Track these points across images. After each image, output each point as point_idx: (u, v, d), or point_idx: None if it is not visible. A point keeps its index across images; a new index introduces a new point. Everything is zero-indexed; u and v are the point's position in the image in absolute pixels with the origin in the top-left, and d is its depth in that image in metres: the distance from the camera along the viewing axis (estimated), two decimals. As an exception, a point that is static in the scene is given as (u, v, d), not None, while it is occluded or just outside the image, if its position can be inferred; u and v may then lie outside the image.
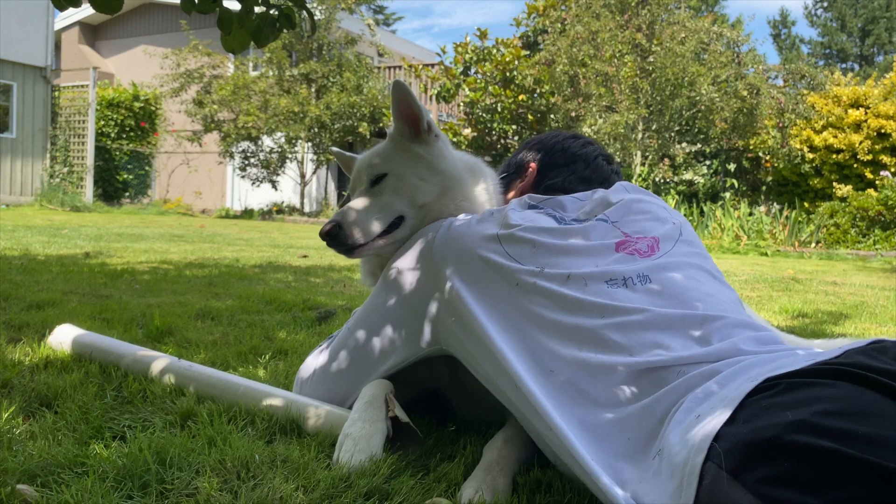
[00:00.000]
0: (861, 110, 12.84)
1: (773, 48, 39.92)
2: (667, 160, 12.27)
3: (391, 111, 1.70)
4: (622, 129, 11.52)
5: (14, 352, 2.12)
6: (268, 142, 15.57)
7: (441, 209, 1.65)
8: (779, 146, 12.88)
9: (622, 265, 1.37)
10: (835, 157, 12.86)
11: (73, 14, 19.16)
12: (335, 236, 1.59)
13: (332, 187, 16.91)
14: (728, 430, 0.94)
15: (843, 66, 36.74)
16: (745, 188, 13.64)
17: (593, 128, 11.65)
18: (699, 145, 12.96)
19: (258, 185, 15.70)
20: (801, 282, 5.87)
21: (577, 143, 1.86)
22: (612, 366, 1.19)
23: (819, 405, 0.91)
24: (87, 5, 2.69)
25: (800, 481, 0.84)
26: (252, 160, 15.62)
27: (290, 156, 15.57)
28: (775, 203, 13.04)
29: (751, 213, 11.56)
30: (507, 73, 13.00)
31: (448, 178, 1.67)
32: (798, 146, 12.95)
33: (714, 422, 0.97)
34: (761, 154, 13.24)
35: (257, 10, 2.28)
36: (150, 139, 16.49)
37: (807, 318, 3.73)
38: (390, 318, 1.54)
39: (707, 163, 13.42)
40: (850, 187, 12.38)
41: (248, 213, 14.81)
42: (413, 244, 1.56)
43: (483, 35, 13.61)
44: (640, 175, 11.67)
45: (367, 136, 14.76)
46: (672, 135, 12.47)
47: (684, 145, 12.56)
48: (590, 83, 11.92)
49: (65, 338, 2.17)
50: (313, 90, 15.25)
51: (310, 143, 15.42)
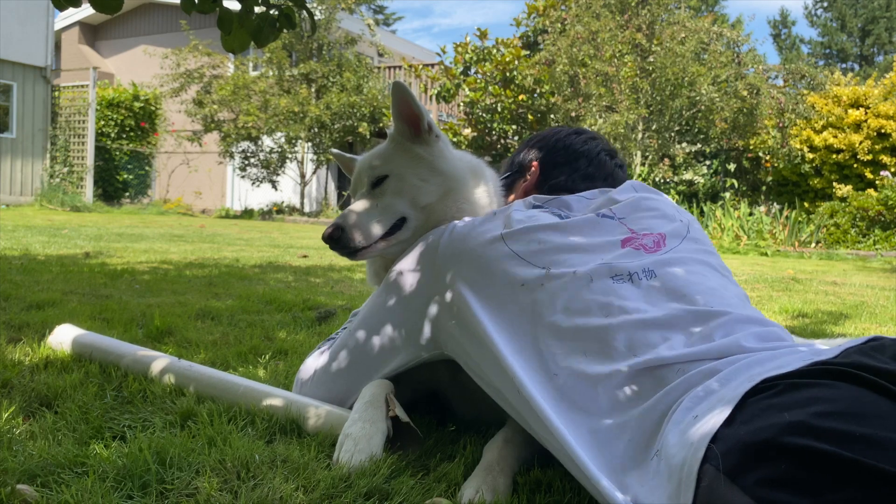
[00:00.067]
0: (861, 110, 12.84)
1: (773, 48, 39.97)
2: (667, 160, 12.27)
3: (391, 112, 1.70)
4: (622, 129, 11.52)
5: (14, 352, 2.12)
6: (268, 142, 15.57)
7: (443, 210, 1.64)
8: (779, 146, 12.88)
9: (627, 261, 1.36)
10: (835, 157, 12.86)
11: (73, 14, 19.17)
12: (338, 240, 1.59)
13: (332, 187, 16.91)
14: (726, 432, 0.94)
15: (843, 66, 36.74)
16: (745, 188, 13.64)
17: (593, 128, 11.65)
18: (699, 145, 12.96)
19: (258, 185, 15.70)
20: (801, 282, 5.87)
21: (579, 139, 1.83)
22: (615, 370, 1.18)
23: (817, 406, 0.90)
24: (87, 5, 2.69)
25: (797, 483, 0.84)
26: (252, 160, 15.62)
27: (290, 156, 15.57)
28: (775, 203, 13.04)
29: (751, 213, 11.56)
30: (507, 73, 13.00)
31: (449, 178, 1.66)
32: (798, 146, 12.96)
33: (711, 422, 0.96)
34: (761, 154, 13.24)
35: (257, 10, 2.28)
36: (150, 139, 16.49)
37: (807, 318, 3.73)
38: (392, 320, 1.54)
39: (707, 163, 13.42)
40: (850, 187, 12.38)
41: (248, 213, 14.81)
42: (416, 247, 1.56)
43: (483, 35, 13.61)
44: (640, 175, 11.66)
45: (367, 137, 14.76)
46: (672, 135, 12.47)
47: (684, 145, 12.56)
48: (590, 83, 11.93)
49: (65, 338, 2.17)
50: (313, 90, 15.25)
51: (310, 143, 15.42)
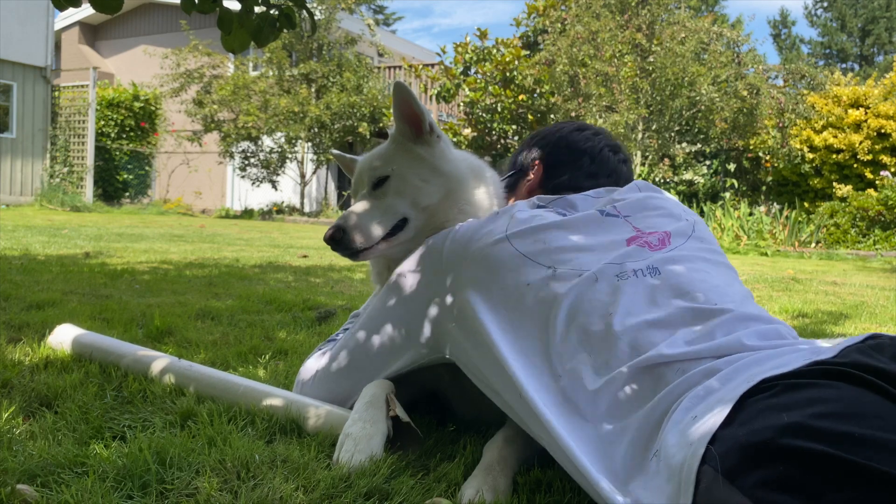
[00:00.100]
0: (861, 110, 12.84)
1: (773, 48, 39.98)
2: (667, 160, 12.27)
3: (392, 112, 1.69)
4: (622, 129, 11.52)
5: (14, 352, 2.12)
6: (268, 142, 15.57)
7: (444, 211, 1.64)
8: (779, 146, 12.88)
9: (633, 259, 1.36)
10: (835, 157, 12.86)
11: (73, 14, 19.16)
12: (339, 241, 1.59)
13: (332, 187, 16.91)
14: (724, 433, 0.93)
15: (843, 66, 36.75)
16: (745, 188, 13.64)
17: (593, 128, 11.63)
18: (699, 145, 12.96)
19: (258, 185, 15.70)
20: (801, 282, 5.87)
21: (581, 135, 1.80)
22: (617, 371, 1.18)
23: (816, 407, 0.90)
24: (87, 5, 2.69)
25: (795, 485, 0.83)
26: (252, 160, 15.62)
27: (290, 156, 15.57)
28: (775, 203, 13.04)
29: (751, 213, 11.56)
30: (507, 73, 13.00)
31: (451, 179, 1.66)
32: (798, 146, 12.96)
33: (710, 423, 0.96)
34: (761, 154, 13.24)
35: (257, 9, 2.28)
36: (150, 139, 16.49)
37: (807, 318, 3.73)
38: (394, 322, 1.53)
39: (707, 163, 13.42)
40: (850, 187, 12.38)
41: (248, 213, 14.81)
42: (419, 250, 1.55)
43: (483, 35, 13.61)
44: (640, 175, 11.66)
45: (367, 137, 14.77)
46: (672, 135, 12.47)
47: (684, 145, 12.56)
48: (590, 83, 11.92)
49: (65, 337, 2.17)
50: (313, 90, 15.25)
51: (310, 143, 15.42)
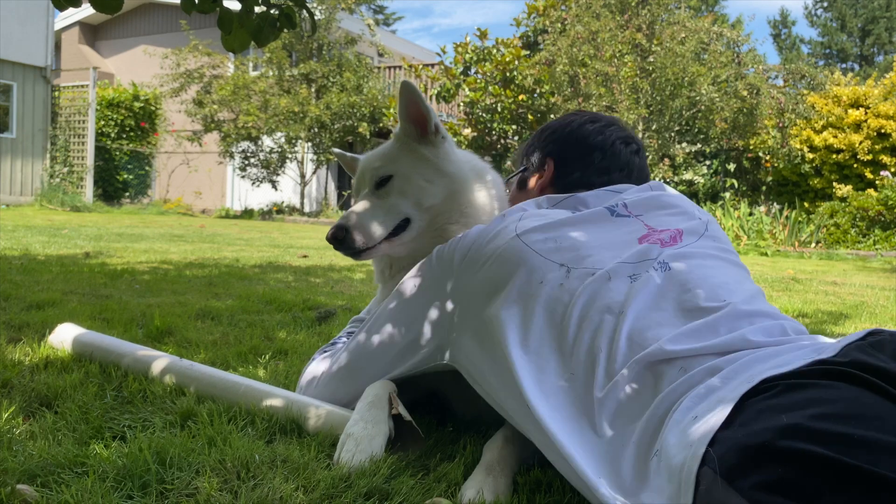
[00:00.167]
0: (861, 110, 12.85)
1: (773, 48, 39.99)
2: (667, 160, 12.26)
3: (398, 111, 1.69)
4: (622, 129, 11.51)
5: (14, 352, 2.12)
6: (268, 142, 15.57)
7: (447, 212, 1.64)
8: (779, 146, 12.89)
9: (643, 257, 1.34)
10: (835, 157, 12.86)
11: (73, 14, 19.17)
12: (341, 240, 1.59)
13: (332, 187, 16.91)
14: (724, 434, 0.93)
15: (843, 66, 36.75)
16: (745, 188, 13.64)
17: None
18: (699, 145, 12.96)
19: (258, 185, 15.70)
20: (801, 282, 5.87)
21: (592, 129, 1.73)
22: (620, 376, 1.17)
23: (815, 408, 0.89)
24: (87, 5, 2.69)
25: (794, 488, 0.83)
26: (252, 160, 15.62)
27: (290, 156, 15.57)
28: (775, 203, 13.04)
29: (751, 213, 11.56)
30: (507, 73, 13.00)
31: (454, 180, 1.65)
32: (798, 146, 12.96)
33: (710, 423, 0.95)
34: (761, 154, 13.25)
35: (258, 9, 2.28)
36: (150, 139, 16.49)
37: (807, 318, 3.73)
38: (401, 325, 1.53)
39: (707, 163, 13.42)
40: (850, 187, 12.38)
41: (248, 213, 14.81)
42: (428, 257, 1.54)
43: (483, 35, 13.60)
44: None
45: (368, 136, 14.77)
46: (672, 135, 12.47)
47: (684, 145, 12.56)
48: (590, 83, 11.92)
49: (66, 336, 2.17)
50: (313, 90, 15.25)
51: (310, 143, 15.42)
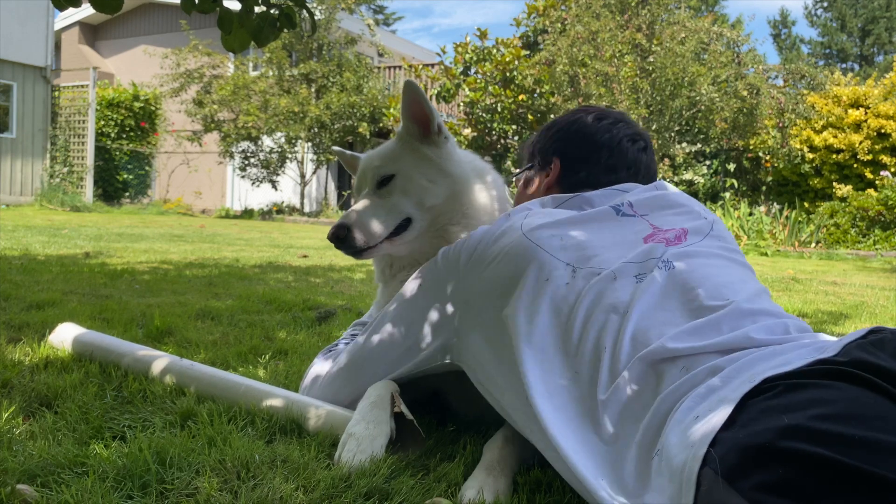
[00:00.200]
0: (861, 110, 12.85)
1: (773, 48, 39.99)
2: (667, 160, 12.26)
3: (401, 111, 1.69)
4: (622, 129, 11.51)
5: (14, 352, 2.12)
6: (268, 142, 15.57)
7: (448, 212, 1.64)
8: (779, 146, 12.88)
9: (648, 257, 1.34)
10: (835, 157, 12.86)
11: (73, 14, 19.17)
12: (343, 239, 1.59)
13: (332, 187, 16.91)
14: (725, 435, 0.93)
15: (843, 66, 36.76)
16: (745, 188, 13.64)
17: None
18: (699, 145, 12.96)
19: (258, 185, 15.70)
20: (801, 282, 5.87)
21: (599, 126, 1.69)
22: (622, 378, 1.17)
23: (816, 409, 0.89)
24: (87, 5, 2.69)
25: (794, 489, 0.83)
26: (252, 160, 15.61)
27: (290, 156, 15.57)
28: (775, 203, 13.04)
29: (751, 213, 11.56)
30: (507, 73, 13.00)
31: (456, 181, 1.66)
32: (798, 146, 12.96)
33: (711, 423, 0.95)
34: (761, 154, 13.25)
35: (258, 9, 2.28)
36: (150, 139, 16.49)
37: (807, 318, 3.73)
38: (402, 327, 1.53)
39: (707, 163, 13.42)
40: (850, 187, 12.38)
41: (248, 213, 14.81)
42: (434, 259, 1.54)
43: (483, 35, 13.60)
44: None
45: (367, 136, 14.77)
46: (672, 135, 12.47)
47: (684, 145, 12.56)
48: (590, 83, 11.92)
49: (66, 336, 2.17)
50: (313, 90, 15.25)
51: (310, 143, 15.42)
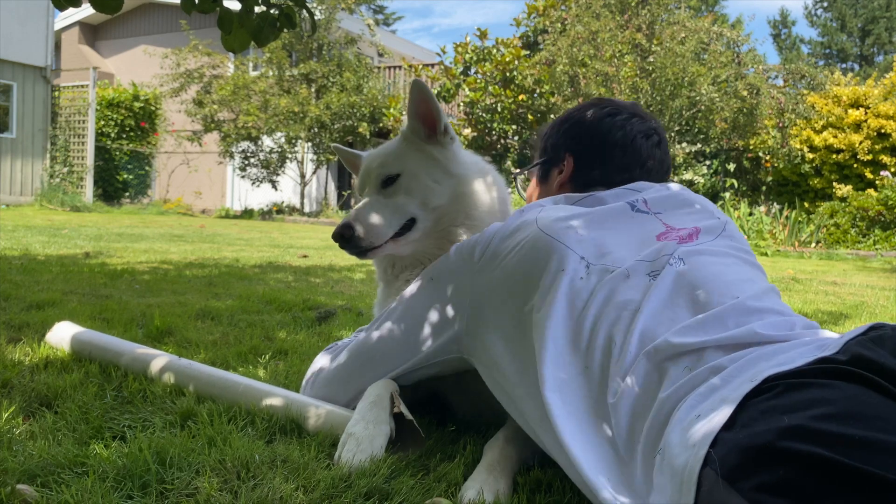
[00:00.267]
0: (861, 110, 12.85)
1: (773, 48, 39.99)
2: (667, 160, 12.25)
3: (407, 109, 1.70)
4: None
5: (14, 352, 2.12)
6: (268, 142, 15.57)
7: (451, 213, 1.64)
8: (779, 146, 12.88)
9: (660, 254, 1.34)
10: (835, 157, 12.86)
11: (73, 14, 19.17)
12: (349, 239, 1.59)
13: (332, 187, 16.91)
14: (726, 435, 0.93)
15: (843, 66, 36.76)
16: (745, 188, 13.63)
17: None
18: (699, 145, 12.96)
19: (258, 185, 15.70)
20: (801, 282, 5.87)
21: (613, 122, 1.65)
22: (630, 376, 1.16)
23: (817, 409, 0.89)
24: (87, 5, 2.69)
25: (794, 489, 0.83)
26: (252, 160, 15.61)
27: (290, 156, 15.57)
28: (775, 203, 13.04)
29: (751, 213, 11.56)
30: (507, 73, 13.00)
31: (461, 182, 1.66)
32: (798, 146, 12.96)
33: (712, 423, 0.95)
34: (761, 154, 13.24)
35: (258, 9, 2.28)
36: (150, 139, 16.48)
37: (807, 318, 3.72)
38: (413, 321, 1.52)
39: (707, 163, 13.41)
40: (850, 187, 12.38)
41: (248, 213, 14.80)
42: (447, 254, 1.54)
43: (483, 35, 13.61)
44: (640, 175, 11.65)
45: (367, 136, 14.77)
46: (672, 135, 12.47)
47: (684, 145, 12.55)
48: (590, 83, 11.92)
49: (64, 335, 2.16)
50: (313, 90, 15.24)
51: (310, 143, 15.42)
